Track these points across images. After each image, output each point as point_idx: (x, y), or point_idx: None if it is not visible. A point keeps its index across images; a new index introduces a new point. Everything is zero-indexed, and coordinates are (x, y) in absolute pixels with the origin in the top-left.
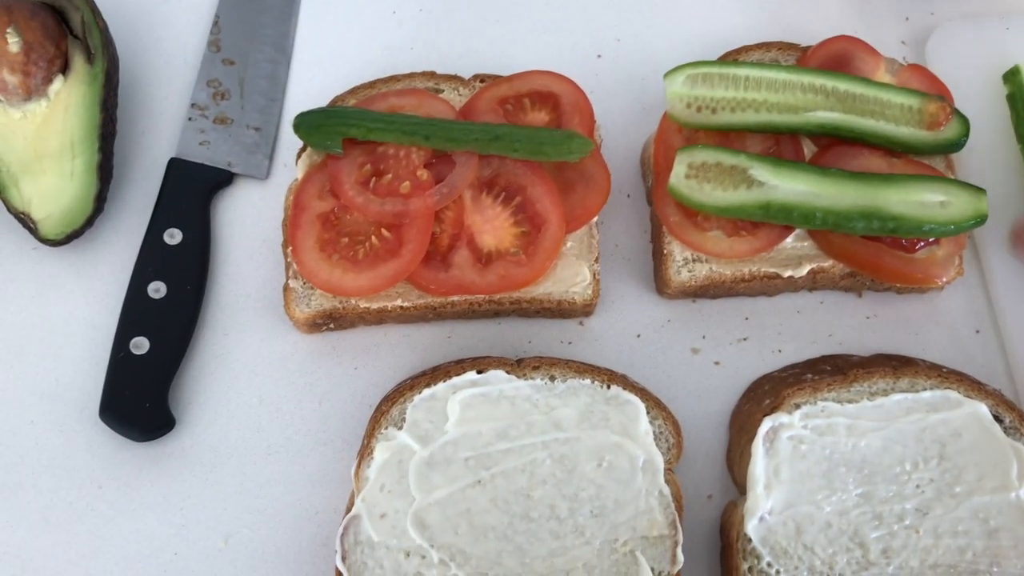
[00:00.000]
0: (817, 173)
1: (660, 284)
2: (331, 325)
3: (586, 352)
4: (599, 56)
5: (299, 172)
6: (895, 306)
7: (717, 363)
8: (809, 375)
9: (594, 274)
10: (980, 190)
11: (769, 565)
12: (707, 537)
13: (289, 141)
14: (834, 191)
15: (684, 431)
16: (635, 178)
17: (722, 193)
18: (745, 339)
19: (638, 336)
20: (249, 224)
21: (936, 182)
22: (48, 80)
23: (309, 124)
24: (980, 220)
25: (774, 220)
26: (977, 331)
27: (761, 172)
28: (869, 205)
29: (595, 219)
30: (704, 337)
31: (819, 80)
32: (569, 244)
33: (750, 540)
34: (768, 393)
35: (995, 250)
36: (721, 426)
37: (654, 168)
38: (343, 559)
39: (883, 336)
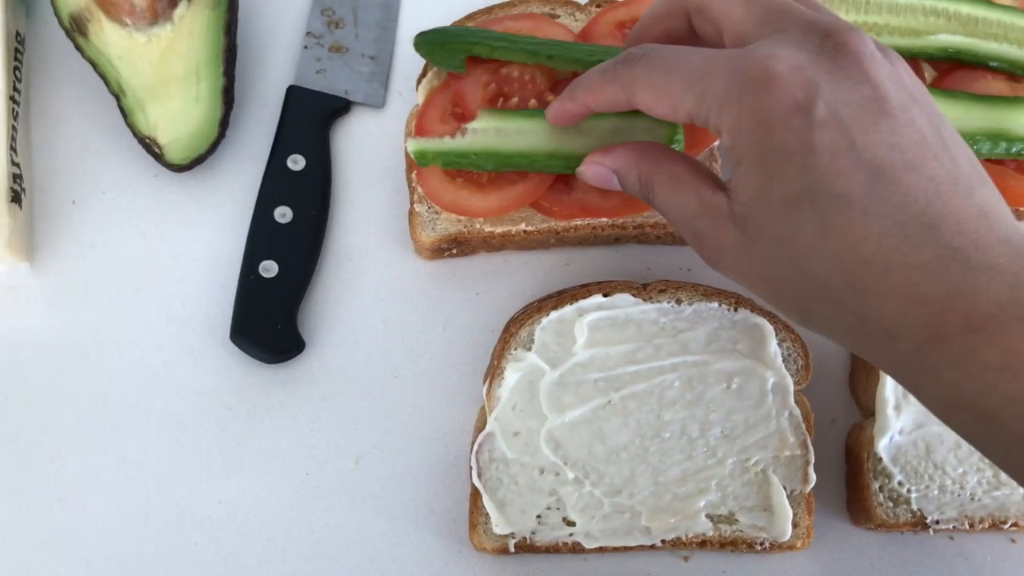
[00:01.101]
0: (942, 95)
1: None
2: (454, 250)
3: (705, 278)
4: None
5: (420, 97)
6: None
7: None
8: None
9: None
10: None
11: (900, 484)
12: (832, 460)
13: (404, 70)
14: (959, 113)
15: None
16: None
17: None
18: None
19: None
20: (368, 153)
21: None
22: (173, 4)
23: (431, 42)
24: None
25: None
26: None
27: None
28: (995, 127)
29: (716, 143)
30: None
31: (941, 3)
32: None
33: (880, 460)
34: None
35: None
36: (843, 351)
37: None
38: (479, 475)
39: None
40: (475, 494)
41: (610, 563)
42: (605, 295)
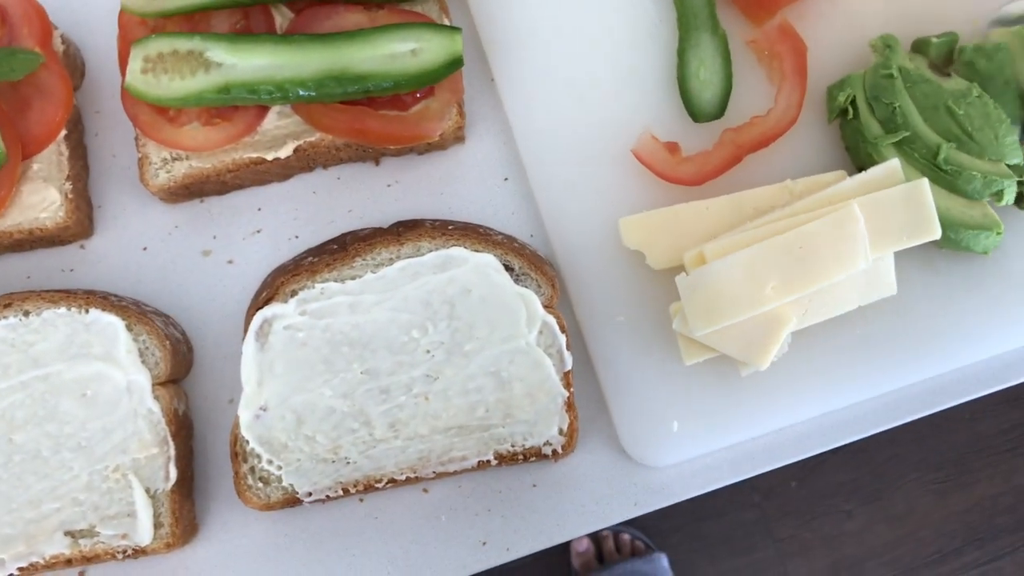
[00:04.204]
0: (277, 43)
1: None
2: None
3: (90, 277)
4: None
5: None
6: (418, 168)
7: (230, 262)
8: (310, 258)
9: (66, 194)
10: (454, 30)
11: (270, 462)
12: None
13: None
14: (297, 59)
15: (201, 337)
16: None
17: (180, 83)
18: (259, 231)
19: (144, 249)
20: None
21: (406, 29)
22: None
23: None
24: (454, 64)
25: (240, 102)
26: (506, 179)
27: (218, 52)
28: (336, 67)
29: (62, 134)
30: (215, 237)
31: None
32: (36, 167)
33: (248, 441)
34: (267, 285)
35: (514, 95)
36: (239, 327)
37: (121, 68)
38: None
39: (407, 202)
40: None
41: None
42: None
